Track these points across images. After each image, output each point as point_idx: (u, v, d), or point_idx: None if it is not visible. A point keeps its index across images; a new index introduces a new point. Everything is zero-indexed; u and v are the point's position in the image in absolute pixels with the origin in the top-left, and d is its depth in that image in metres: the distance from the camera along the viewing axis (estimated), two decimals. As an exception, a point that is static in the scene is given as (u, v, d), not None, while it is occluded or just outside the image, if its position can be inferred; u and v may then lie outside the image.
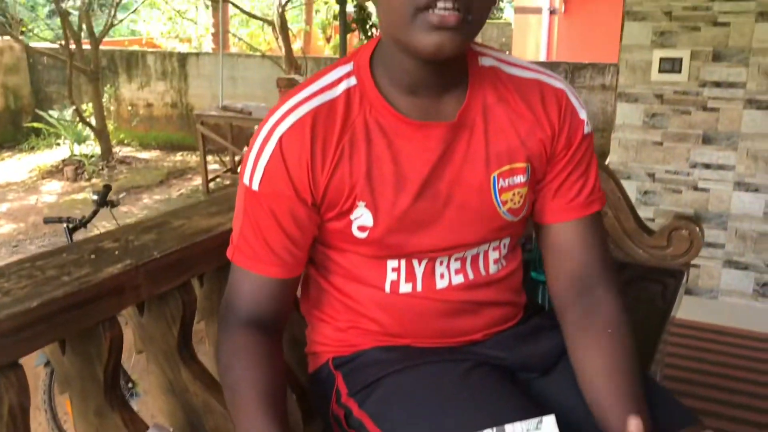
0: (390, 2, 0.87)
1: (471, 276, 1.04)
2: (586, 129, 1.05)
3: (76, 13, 8.10)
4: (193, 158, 8.53)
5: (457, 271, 1.03)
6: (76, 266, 1.03)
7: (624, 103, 3.02)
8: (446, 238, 0.99)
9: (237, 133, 7.59)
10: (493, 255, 1.06)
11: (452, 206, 0.98)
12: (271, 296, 0.99)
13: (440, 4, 0.83)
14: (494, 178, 0.99)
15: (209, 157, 7.37)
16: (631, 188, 3.08)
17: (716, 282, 3.05)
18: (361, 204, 0.95)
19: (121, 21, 9.72)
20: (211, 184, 7.10)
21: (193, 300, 1.18)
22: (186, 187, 7.36)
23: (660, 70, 2.93)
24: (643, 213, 3.08)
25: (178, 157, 8.77)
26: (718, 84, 2.85)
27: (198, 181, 7.37)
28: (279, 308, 1.01)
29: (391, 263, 1.01)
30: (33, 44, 9.13)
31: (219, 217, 1.26)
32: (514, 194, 1.00)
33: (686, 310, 2.26)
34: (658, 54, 2.92)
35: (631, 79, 2.99)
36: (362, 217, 0.96)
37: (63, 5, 7.77)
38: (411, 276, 1.02)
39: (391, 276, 1.02)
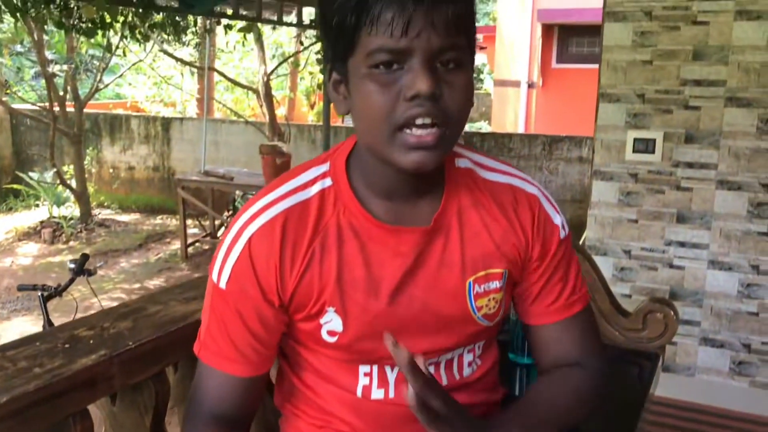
0: (366, 119, 0.87)
1: (445, 381, 1.03)
2: (562, 233, 1.04)
3: (62, 75, 8.19)
4: (173, 222, 8.51)
5: None
6: (49, 357, 1.02)
7: (600, 181, 3.09)
8: (420, 344, 0.97)
9: (218, 197, 7.60)
10: (468, 357, 1.05)
11: (426, 312, 0.97)
12: (236, 394, 0.98)
13: (418, 121, 0.84)
14: (470, 284, 0.98)
15: (189, 221, 7.36)
16: (607, 264, 3.11)
17: (693, 359, 3.06)
18: (330, 309, 0.94)
19: (107, 86, 9.82)
20: (190, 249, 7.07)
21: (167, 390, 1.16)
22: (164, 251, 7.31)
23: (634, 150, 3.00)
24: (620, 289, 3.11)
25: (158, 220, 8.74)
26: (690, 165, 2.93)
27: (177, 245, 7.33)
28: (244, 405, 1.00)
29: (363, 368, 1.00)
30: (17, 106, 9.17)
31: (195, 303, 1.25)
32: (489, 300, 0.99)
33: (664, 387, 2.25)
34: (632, 134, 3.00)
35: (607, 158, 3.06)
36: (332, 321, 0.95)
37: (49, 69, 7.85)
38: (383, 382, 1.00)
39: (363, 381, 1.00)
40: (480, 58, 13.03)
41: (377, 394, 1.00)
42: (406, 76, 0.84)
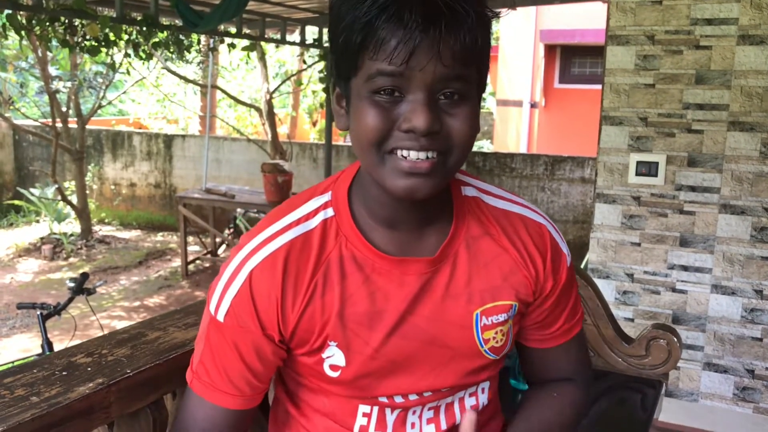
0: (360, 141, 0.85)
1: (444, 426, 1.00)
2: (569, 261, 1.03)
3: (65, 91, 8.22)
4: (173, 239, 8.50)
5: (429, 421, 1.00)
6: (46, 384, 1.01)
7: (602, 203, 3.08)
8: (423, 379, 0.95)
9: (219, 215, 7.60)
10: (470, 401, 1.02)
11: (432, 344, 0.94)
12: (224, 425, 0.96)
13: (413, 154, 0.81)
14: (477, 315, 0.94)
15: (190, 239, 7.34)
16: (610, 287, 3.10)
17: (696, 384, 3.03)
18: (333, 344, 0.92)
19: (110, 102, 9.85)
20: (191, 266, 7.05)
21: (165, 418, 1.14)
22: (165, 269, 7.29)
23: (637, 173, 3.00)
24: (623, 313, 3.10)
25: (159, 237, 8.73)
26: (693, 188, 2.92)
27: (178, 262, 7.32)
28: None
29: (363, 408, 0.97)
30: (20, 121, 9.20)
31: (194, 330, 1.24)
32: (496, 332, 0.96)
33: (667, 412, 2.23)
34: (635, 157, 2.99)
35: (609, 181, 3.05)
36: (334, 356, 0.92)
37: (52, 86, 7.88)
38: (381, 424, 0.98)
39: (360, 420, 0.98)
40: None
41: None
42: (404, 106, 0.81)
